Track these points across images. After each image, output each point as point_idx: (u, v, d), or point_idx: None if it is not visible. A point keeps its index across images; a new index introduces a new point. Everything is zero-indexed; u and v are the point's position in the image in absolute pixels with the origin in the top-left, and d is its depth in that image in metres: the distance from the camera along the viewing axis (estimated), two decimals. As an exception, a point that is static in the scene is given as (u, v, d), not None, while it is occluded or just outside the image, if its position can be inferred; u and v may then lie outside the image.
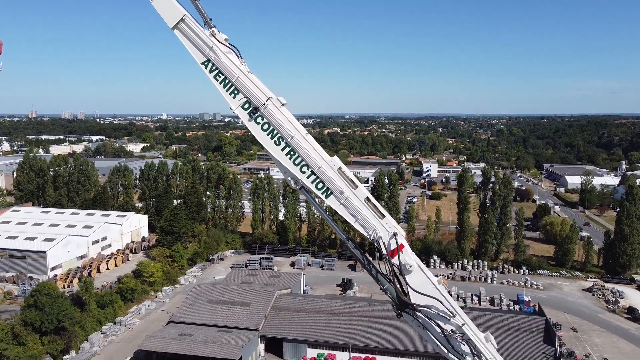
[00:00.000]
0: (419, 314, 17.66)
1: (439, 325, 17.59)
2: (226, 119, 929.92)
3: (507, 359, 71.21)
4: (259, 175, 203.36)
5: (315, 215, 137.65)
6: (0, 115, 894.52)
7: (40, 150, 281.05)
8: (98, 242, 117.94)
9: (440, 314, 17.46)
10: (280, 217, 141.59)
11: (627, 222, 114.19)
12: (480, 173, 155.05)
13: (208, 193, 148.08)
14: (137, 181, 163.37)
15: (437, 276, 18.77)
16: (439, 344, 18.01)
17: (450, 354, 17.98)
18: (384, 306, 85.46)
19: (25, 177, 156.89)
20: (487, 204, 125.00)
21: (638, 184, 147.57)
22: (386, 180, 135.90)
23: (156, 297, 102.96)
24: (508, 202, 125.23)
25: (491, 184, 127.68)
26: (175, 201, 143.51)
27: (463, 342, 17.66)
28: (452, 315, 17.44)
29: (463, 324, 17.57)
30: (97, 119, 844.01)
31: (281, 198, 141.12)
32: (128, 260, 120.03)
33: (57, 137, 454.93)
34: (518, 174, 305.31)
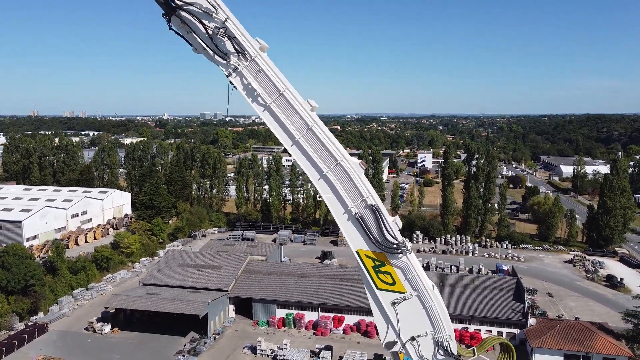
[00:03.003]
0: (184, 14, 16.81)
1: (203, 24, 16.77)
2: (227, 119, 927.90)
3: (475, 314, 70.89)
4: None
5: (300, 193, 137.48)
6: (2, 115, 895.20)
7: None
8: (78, 215, 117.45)
9: (204, 10, 16.62)
10: (265, 196, 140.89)
11: (610, 194, 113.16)
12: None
13: (193, 173, 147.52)
14: (123, 161, 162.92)
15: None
16: (205, 47, 17.19)
17: (216, 56, 17.21)
18: (354, 269, 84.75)
19: (10, 159, 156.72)
20: (471, 180, 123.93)
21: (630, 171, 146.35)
22: (370, 158, 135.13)
23: (133, 267, 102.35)
24: (492, 178, 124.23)
25: (475, 160, 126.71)
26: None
27: (225, 38, 16.84)
28: (214, 10, 16.59)
29: (226, 19, 16.77)
30: (98, 119, 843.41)
31: (265, 177, 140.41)
32: (108, 234, 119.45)
33: (54, 132, 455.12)
34: (514, 165, 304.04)
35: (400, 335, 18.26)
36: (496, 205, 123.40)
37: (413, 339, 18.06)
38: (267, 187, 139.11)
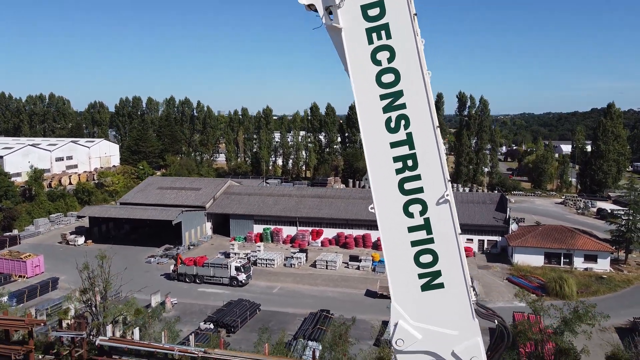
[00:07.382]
0: None
1: None
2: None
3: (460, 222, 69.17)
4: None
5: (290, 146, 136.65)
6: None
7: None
8: (63, 160, 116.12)
9: None
10: (255, 150, 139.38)
11: (603, 138, 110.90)
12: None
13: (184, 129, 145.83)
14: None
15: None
16: None
17: None
18: (336, 190, 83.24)
19: (1, 118, 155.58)
20: (463, 128, 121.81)
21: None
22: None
23: (116, 204, 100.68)
24: (485, 127, 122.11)
25: (467, 110, 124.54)
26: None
27: None
28: None
29: None
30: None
31: (256, 131, 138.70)
32: (94, 180, 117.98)
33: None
34: (514, 147, 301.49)
35: None
36: (488, 153, 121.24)
37: None
38: (257, 142, 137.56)
